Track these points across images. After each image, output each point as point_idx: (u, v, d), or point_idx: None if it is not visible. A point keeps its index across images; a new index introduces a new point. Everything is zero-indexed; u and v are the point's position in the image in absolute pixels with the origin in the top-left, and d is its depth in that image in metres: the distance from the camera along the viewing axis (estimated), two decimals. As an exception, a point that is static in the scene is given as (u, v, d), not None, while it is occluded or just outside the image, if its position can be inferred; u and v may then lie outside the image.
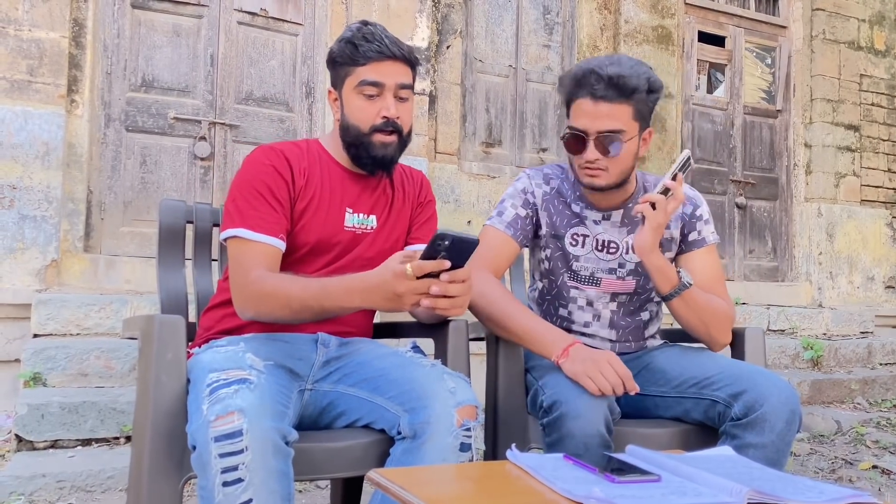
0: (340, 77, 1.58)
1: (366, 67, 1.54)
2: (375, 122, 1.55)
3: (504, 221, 1.73)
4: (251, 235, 1.46)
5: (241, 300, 1.45)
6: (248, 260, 1.45)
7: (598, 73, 1.57)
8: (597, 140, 1.59)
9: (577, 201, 1.75)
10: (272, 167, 1.52)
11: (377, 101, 1.55)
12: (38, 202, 3.46)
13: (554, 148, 5.05)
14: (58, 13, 3.56)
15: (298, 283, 1.41)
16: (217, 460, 1.19)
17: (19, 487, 2.37)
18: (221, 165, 4.06)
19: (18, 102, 3.46)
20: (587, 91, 1.58)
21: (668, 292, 1.62)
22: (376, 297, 1.29)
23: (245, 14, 4.14)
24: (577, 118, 1.62)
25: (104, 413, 2.73)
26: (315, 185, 1.57)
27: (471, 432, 1.38)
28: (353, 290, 1.33)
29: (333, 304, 1.37)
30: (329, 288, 1.37)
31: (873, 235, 5.86)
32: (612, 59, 1.60)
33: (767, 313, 5.02)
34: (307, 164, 1.58)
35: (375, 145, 1.56)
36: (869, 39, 5.94)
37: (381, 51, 1.53)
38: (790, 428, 1.45)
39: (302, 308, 1.39)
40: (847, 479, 2.98)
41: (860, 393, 4.35)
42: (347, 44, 1.55)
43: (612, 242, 1.73)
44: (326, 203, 1.57)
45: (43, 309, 3.14)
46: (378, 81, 1.53)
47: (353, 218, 1.60)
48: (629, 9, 5.12)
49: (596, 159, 1.60)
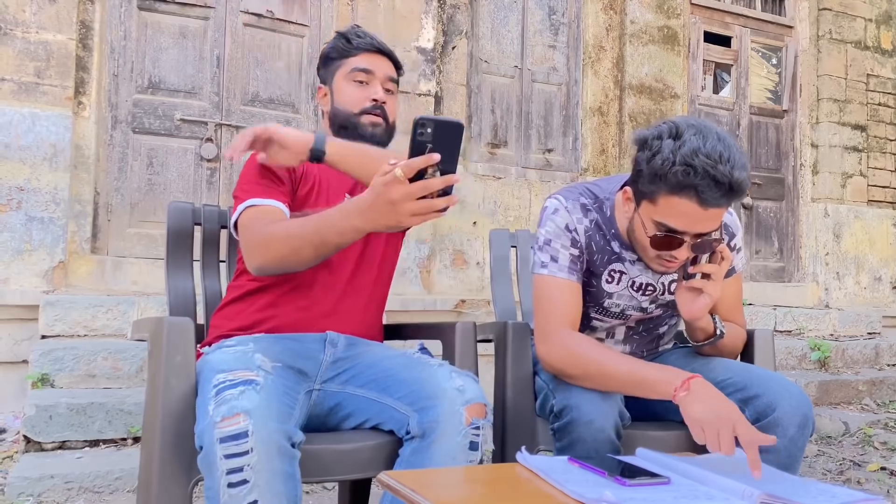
0: (331, 71, 1.70)
1: (357, 57, 1.67)
2: (365, 105, 1.64)
3: (563, 267, 1.57)
4: (256, 202, 1.50)
5: (248, 252, 1.45)
6: (252, 218, 1.47)
7: (714, 178, 1.32)
8: (696, 244, 1.43)
9: (614, 239, 1.61)
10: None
11: (367, 88, 1.66)
12: (46, 204, 3.47)
13: (559, 149, 5.05)
14: (65, 15, 3.57)
15: (297, 221, 1.41)
16: (222, 461, 1.20)
17: (28, 488, 2.37)
18: (228, 167, 4.07)
19: (26, 104, 3.47)
20: (696, 195, 1.35)
21: (702, 341, 1.61)
22: (373, 213, 1.20)
23: (251, 15, 4.15)
24: (675, 218, 1.39)
25: (112, 414, 2.73)
26: (313, 172, 1.62)
27: (480, 431, 1.38)
28: (350, 212, 1.26)
29: (332, 230, 1.31)
30: (325, 216, 1.33)
31: (881, 236, 5.84)
32: (719, 151, 1.34)
33: (774, 314, 5.00)
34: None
35: (365, 125, 1.64)
36: (876, 39, 5.92)
37: (371, 44, 1.69)
38: (802, 433, 1.44)
39: (303, 243, 1.36)
40: (855, 480, 2.96)
41: (868, 394, 4.33)
42: (340, 37, 1.69)
43: (649, 286, 1.64)
44: (326, 188, 1.62)
45: (51, 310, 3.15)
46: (368, 69, 1.67)
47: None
48: (635, 9, 5.11)
49: (687, 258, 1.46)
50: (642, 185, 1.42)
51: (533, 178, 4.89)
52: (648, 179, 1.39)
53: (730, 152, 1.34)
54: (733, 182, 1.33)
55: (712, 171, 1.32)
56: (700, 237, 1.42)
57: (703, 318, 1.53)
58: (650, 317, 1.70)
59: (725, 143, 1.35)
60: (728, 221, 1.65)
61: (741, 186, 1.34)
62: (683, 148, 1.34)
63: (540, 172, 4.95)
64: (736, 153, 1.35)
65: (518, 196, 4.74)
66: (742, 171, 1.34)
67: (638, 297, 1.65)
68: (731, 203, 1.39)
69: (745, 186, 1.35)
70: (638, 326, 1.72)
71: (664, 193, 1.38)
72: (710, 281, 1.46)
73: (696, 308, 1.48)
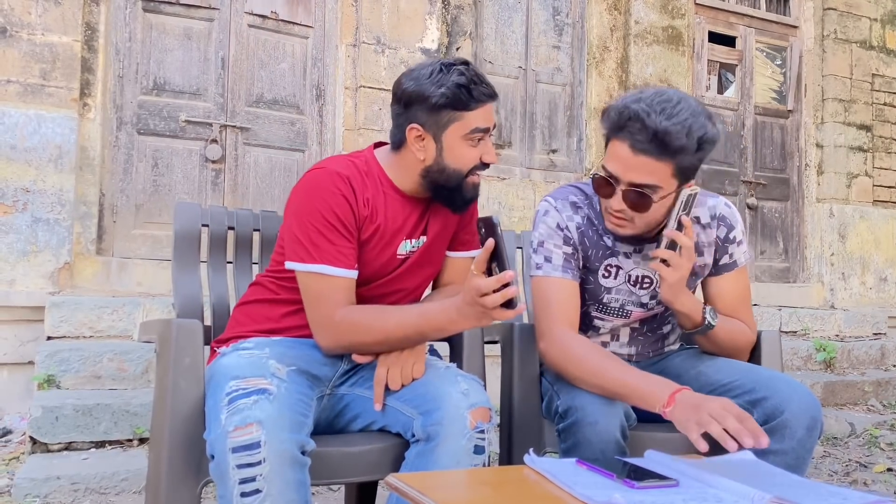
0: (442, 124, 1.46)
1: (477, 113, 1.46)
2: (473, 165, 1.50)
3: (558, 266, 1.58)
4: (333, 271, 1.42)
5: (329, 337, 1.44)
6: (329, 296, 1.42)
7: (643, 121, 1.39)
8: (626, 191, 1.45)
9: (607, 233, 1.61)
10: (342, 196, 1.44)
11: (480, 147, 1.50)
12: (51, 205, 3.48)
13: (564, 149, 5.05)
14: (70, 17, 3.58)
15: (393, 315, 1.44)
16: (235, 471, 1.20)
17: (34, 489, 2.38)
18: (233, 168, 4.07)
19: (32, 106, 3.48)
20: (627, 137, 1.42)
21: (691, 330, 1.60)
22: (468, 311, 1.32)
23: (255, 17, 4.15)
24: (611, 160, 1.46)
25: (117, 415, 2.74)
26: (379, 216, 1.51)
27: (484, 434, 1.38)
28: (450, 310, 1.36)
29: (433, 328, 1.41)
30: (428, 314, 1.41)
31: (886, 236, 5.83)
32: (664, 104, 1.40)
33: (779, 314, 4.99)
34: (371, 194, 1.50)
35: (468, 187, 1.52)
36: (881, 39, 5.90)
37: (489, 94, 1.48)
38: (811, 435, 1.43)
39: (403, 337, 1.43)
40: (861, 482, 2.96)
41: (873, 395, 4.32)
42: (457, 88, 1.43)
43: (645, 278, 1.63)
44: (388, 234, 1.53)
45: (56, 311, 3.15)
46: (488, 128, 1.49)
47: (405, 245, 1.56)
48: (639, 9, 5.11)
49: (621, 210, 1.48)
50: (603, 135, 1.52)
51: (537, 179, 4.89)
52: (603, 127, 1.50)
53: (675, 110, 1.40)
54: (659, 129, 1.38)
55: (644, 116, 1.39)
56: (633, 187, 1.44)
57: (676, 302, 1.54)
58: (652, 315, 1.69)
59: (679, 105, 1.41)
60: (726, 213, 1.64)
61: (668, 136, 1.38)
62: (633, 96, 1.45)
63: (544, 173, 4.95)
64: (684, 114, 1.40)
65: (522, 196, 4.74)
66: (677, 126, 1.38)
67: (636, 292, 1.65)
68: (662, 157, 1.41)
69: (673, 139, 1.39)
70: (642, 327, 1.71)
71: (610, 138, 1.47)
72: (669, 268, 1.48)
73: (663, 290, 1.52)
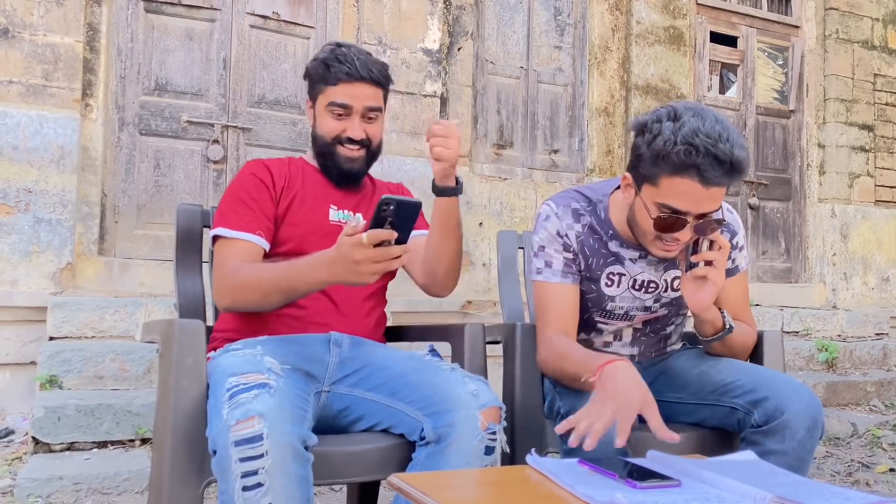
0: (315, 92, 1.67)
1: (336, 88, 1.61)
2: (340, 136, 1.63)
3: (557, 272, 1.59)
4: (229, 233, 1.54)
5: (218, 291, 1.52)
6: (226, 255, 1.53)
7: (716, 156, 1.34)
8: (698, 224, 1.43)
9: (611, 239, 1.61)
10: (252, 175, 1.62)
11: (345, 121, 1.63)
12: (53, 206, 3.48)
13: (565, 150, 5.04)
14: (72, 18, 3.58)
15: (267, 266, 1.48)
16: (237, 465, 1.20)
17: (36, 489, 2.38)
18: (234, 168, 4.07)
19: (34, 107, 3.48)
20: (697, 174, 1.36)
21: (711, 336, 1.60)
22: (338, 268, 1.30)
23: (257, 17, 4.15)
24: (678, 198, 1.40)
25: (119, 415, 2.74)
26: (296, 186, 1.65)
27: (495, 435, 1.39)
28: (316, 264, 1.36)
29: (300, 279, 1.40)
30: (294, 266, 1.41)
31: (888, 236, 5.82)
32: (719, 129, 1.36)
33: (781, 315, 4.99)
34: (287, 171, 1.67)
35: (341, 158, 1.64)
36: (883, 38, 5.90)
37: (350, 73, 1.60)
38: (812, 435, 1.43)
39: (272, 289, 1.44)
40: (863, 482, 2.95)
41: (876, 395, 4.31)
42: (321, 64, 1.63)
43: (651, 282, 1.63)
44: (309, 199, 1.65)
45: (58, 312, 3.16)
46: (346, 104, 1.61)
47: (337, 213, 1.67)
48: (641, 10, 5.11)
49: (687, 242, 1.46)
50: (643, 169, 1.43)
51: (539, 179, 4.88)
52: (650, 162, 1.40)
53: (728, 132, 1.37)
54: (734, 160, 1.35)
55: (713, 149, 1.34)
56: (702, 217, 1.42)
57: (709, 308, 1.53)
58: (656, 317, 1.69)
59: (723, 124, 1.39)
60: (729, 220, 1.63)
61: (742, 164, 1.37)
62: (684, 129, 1.36)
63: (546, 173, 4.95)
64: (734, 133, 1.38)
65: (524, 197, 4.74)
66: (742, 150, 1.37)
67: (641, 297, 1.64)
68: (731, 182, 1.40)
69: (745, 165, 1.38)
70: (645, 327, 1.71)
71: (666, 174, 1.39)
72: (713, 268, 1.46)
73: (701, 297, 1.48)
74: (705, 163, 1.34)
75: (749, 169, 1.42)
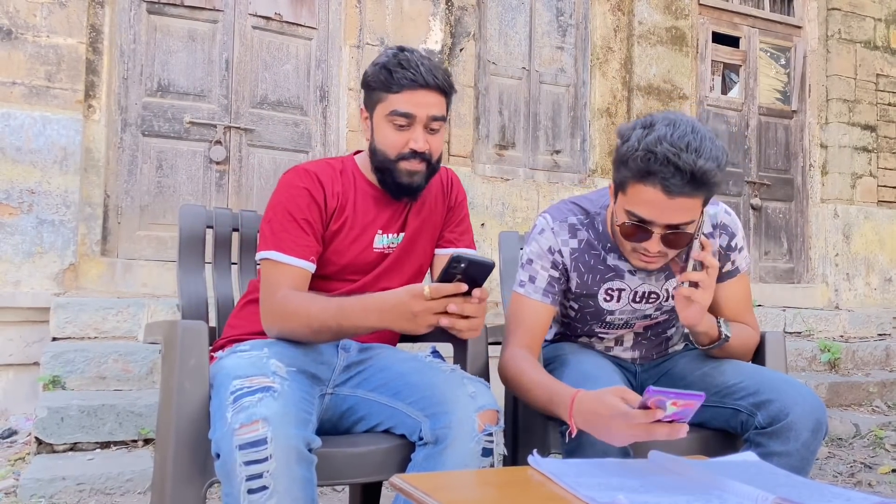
0: (373, 101, 1.55)
1: (399, 96, 1.49)
2: (403, 152, 1.52)
3: (539, 289, 1.58)
4: (281, 258, 1.48)
5: (267, 318, 1.48)
6: (276, 280, 1.47)
7: (676, 165, 1.31)
8: (666, 235, 1.40)
9: (609, 252, 1.59)
10: (305, 190, 1.52)
11: (406, 132, 1.51)
12: (57, 207, 3.49)
13: (567, 150, 5.04)
14: (75, 19, 3.59)
15: (319, 302, 1.43)
16: (242, 468, 1.20)
17: (40, 490, 2.39)
18: (237, 169, 4.08)
19: (37, 108, 3.49)
20: (658, 182, 1.34)
21: (708, 345, 1.59)
22: (392, 316, 1.30)
23: (259, 18, 4.16)
24: (641, 206, 1.38)
25: (122, 416, 2.75)
26: (349, 208, 1.57)
27: (493, 437, 1.39)
28: (370, 310, 1.34)
29: (350, 323, 1.38)
30: (346, 307, 1.38)
31: (891, 236, 5.81)
32: (686, 138, 1.33)
33: (783, 315, 4.98)
34: (341, 188, 1.57)
35: (402, 172, 1.53)
36: (885, 39, 5.89)
37: (415, 79, 1.48)
38: (815, 437, 1.43)
39: (321, 327, 1.41)
40: (866, 483, 2.95)
41: (878, 396, 4.31)
42: (382, 69, 1.50)
43: (652, 293, 1.62)
44: (358, 225, 1.57)
45: (61, 312, 3.17)
46: (409, 113, 1.50)
47: (382, 239, 1.61)
48: (643, 10, 5.11)
49: (658, 251, 1.43)
50: (616, 176, 1.43)
51: (541, 180, 4.89)
52: (616, 168, 1.42)
53: (700, 143, 1.33)
54: (696, 170, 1.31)
55: (674, 158, 1.31)
56: (671, 230, 1.39)
57: (699, 324, 1.51)
58: (656, 322, 1.70)
59: (697, 135, 1.34)
60: (727, 221, 1.62)
61: (706, 176, 1.32)
62: (649, 136, 1.35)
63: (548, 174, 4.95)
64: (707, 144, 1.34)
65: (526, 197, 4.74)
66: (710, 162, 1.33)
67: (641, 307, 1.64)
68: (699, 193, 1.36)
69: (710, 177, 1.33)
70: (646, 332, 1.72)
71: (632, 182, 1.38)
72: (699, 289, 1.44)
73: (689, 315, 1.48)
74: (665, 171, 1.32)
75: (718, 182, 1.38)
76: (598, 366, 1.57)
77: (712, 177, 1.34)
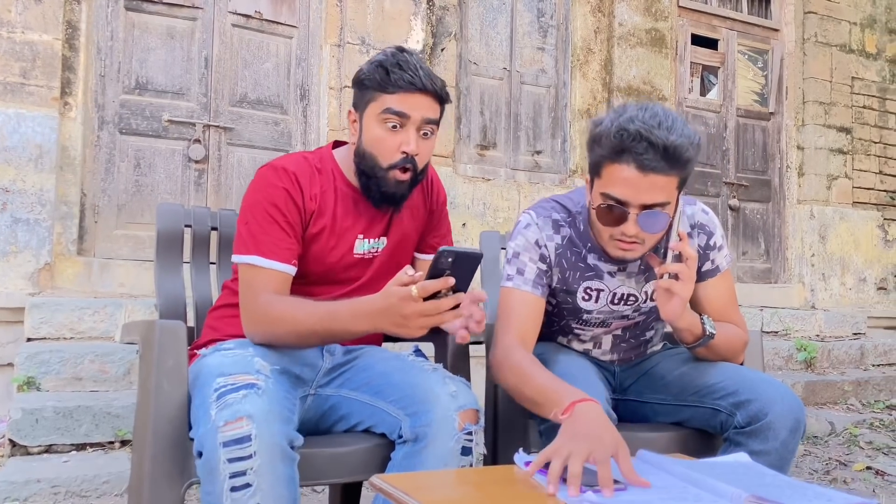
0: (364, 100, 1.49)
1: (393, 97, 1.44)
2: (394, 160, 1.46)
3: (529, 280, 1.55)
4: (263, 262, 1.43)
5: (250, 325, 1.44)
6: (258, 285, 1.43)
7: (649, 139, 1.34)
8: (641, 214, 1.40)
9: (590, 252, 1.58)
10: (284, 190, 1.46)
11: (398, 134, 1.46)
12: (32, 205, 3.44)
13: (548, 151, 5.06)
14: (51, 15, 3.54)
15: (306, 307, 1.39)
16: (225, 465, 1.19)
17: (14, 493, 2.35)
18: (216, 168, 4.05)
19: (11, 105, 3.43)
20: (633, 159, 1.35)
21: (692, 343, 1.57)
22: (383, 320, 1.28)
23: (239, 16, 4.13)
24: (616, 186, 1.39)
25: (99, 417, 2.71)
26: (327, 213, 1.51)
27: (472, 436, 1.39)
28: (360, 314, 1.32)
29: (340, 328, 1.36)
30: (335, 312, 1.36)
31: (865, 237, 5.90)
32: (658, 118, 1.36)
33: (761, 315, 5.04)
34: (319, 189, 1.51)
35: (389, 182, 1.48)
36: (860, 42, 5.98)
37: (412, 82, 1.44)
38: (794, 436, 1.44)
39: (309, 333, 1.39)
40: (841, 480, 2.99)
41: (853, 394, 4.37)
42: (379, 68, 1.45)
43: (630, 295, 1.62)
44: (338, 231, 1.53)
45: (36, 313, 3.12)
46: (403, 112, 1.44)
47: (363, 244, 1.56)
48: (623, 12, 5.14)
49: (636, 234, 1.42)
50: (591, 159, 1.45)
51: (522, 180, 4.90)
52: (591, 149, 1.43)
53: (671, 121, 1.36)
54: (668, 145, 1.34)
55: (646, 133, 1.34)
56: (646, 209, 1.39)
57: (681, 319, 1.49)
58: (634, 323, 1.70)
59: (669, 115, 1.38)
60: (704, 221, 1.62)
61: (678, 151, 1.35)
62: (622, 117, 1.39)
63: (529, 174, 4.96)
64: (679, 124, 1.38)
65: (507, 198, 4.75)
66: (681, 138, 1.36)
67: (619, 308, 1.63)
68: (672, 170, 1.37)
69: (682, 152, 1.36)
70: (624, 334, 1.71)
71: (606, 162, 1.40)
72: (679, 281, 1.43)
73: (670, 308, 1.46)
74: (639, 147, 1.35)
75: (694, 158, 1.40)
76: (578, 366, 1.57)
77: (684, 151, 1.36)
